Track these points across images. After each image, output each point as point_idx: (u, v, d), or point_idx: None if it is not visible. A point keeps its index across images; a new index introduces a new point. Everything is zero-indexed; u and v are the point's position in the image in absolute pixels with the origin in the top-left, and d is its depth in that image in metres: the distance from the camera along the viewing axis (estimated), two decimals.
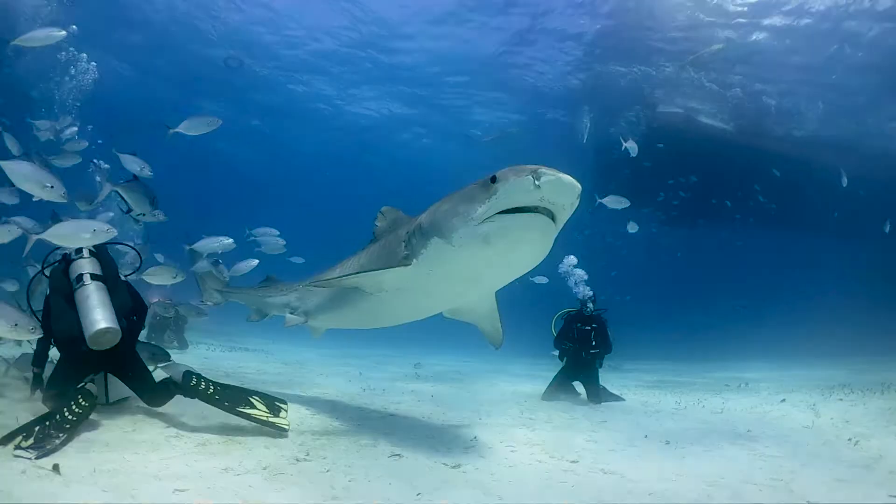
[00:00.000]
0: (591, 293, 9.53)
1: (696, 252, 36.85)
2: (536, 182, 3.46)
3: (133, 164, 7.32)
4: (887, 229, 18.77)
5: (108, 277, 4.76)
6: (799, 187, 22.74)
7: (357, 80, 28.42)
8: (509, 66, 25.37)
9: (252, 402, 4.75)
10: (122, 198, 7.33)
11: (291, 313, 6.30)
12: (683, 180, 23.80)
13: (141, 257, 6.00)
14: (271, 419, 4.62)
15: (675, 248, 35.36)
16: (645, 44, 21.05)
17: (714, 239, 33.35)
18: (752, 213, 26.06)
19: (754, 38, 19.47)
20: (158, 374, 5.09)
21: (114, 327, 4.33)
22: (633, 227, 14.16)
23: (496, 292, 5.12)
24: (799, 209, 25.08)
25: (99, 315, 4.32)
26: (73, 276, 4.63)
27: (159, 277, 6.86)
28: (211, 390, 4.73)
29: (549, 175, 3.48)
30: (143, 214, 7.51)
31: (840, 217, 24.92)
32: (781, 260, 36.58)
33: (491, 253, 3.81)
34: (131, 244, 6.50)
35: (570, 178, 3.55)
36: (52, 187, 4.94)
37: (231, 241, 7.90)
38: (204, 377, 4.85)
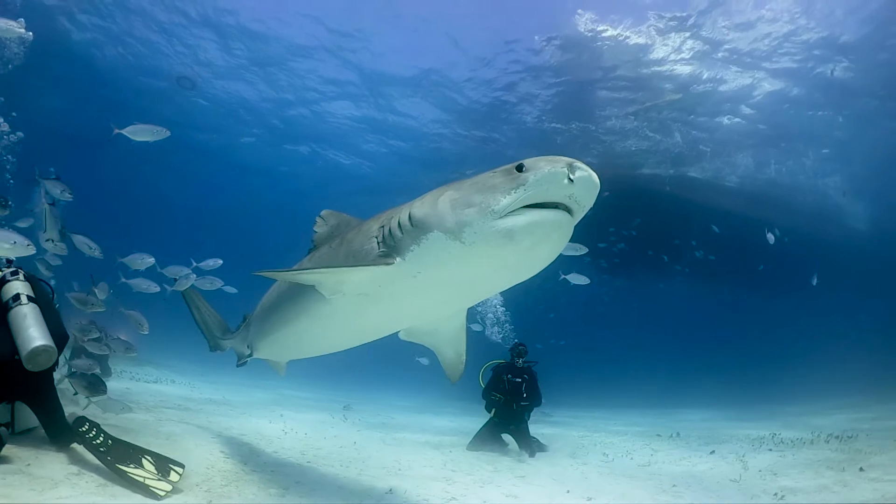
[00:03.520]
0: (521, 346, 9.37)
1: (634, 301, 37.46)
2: (571, 176, 3.07)
3: (55, 188, 7.31)
4: (815, 282, 19.45)
5: (42, 303, 4.60)
6: (732, 240, 23.33)
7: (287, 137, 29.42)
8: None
9: (141, 462, 4.39)
10: (44, 217, 7.15)
11: (248, 348, 5.98)
12: (626, 232, 24.20)
13: (52, 290, 5.70)
14: (149, 482, 4.13)
15: (614, 297, 35.77)
16: (590, 97, 21.43)
17: (652, 288, 33.97)
18: (689, 264, 26.64)
19: (693, 85, 19.96)
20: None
21: (51, 346, 4.18)
22: (579, 280, 13.90)
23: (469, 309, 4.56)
24: (733, 262, 25.76)
25: (37, 333, 4.20)
26: (9, 295, 4.48)
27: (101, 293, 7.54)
28: (99, 441, 4.46)
29: (584, 171, 3.09)
30: (51, 240, 7.32)
31: (768, 270, 25.73)
32: (717, 311, 37.56)
33: (510, 251, 3.26)
34: (44, 280, 6.24)
35: (597, 178, 3.21)
36: None
37: (153, 259, 8.44)
38: (97, 426, 4.59)
